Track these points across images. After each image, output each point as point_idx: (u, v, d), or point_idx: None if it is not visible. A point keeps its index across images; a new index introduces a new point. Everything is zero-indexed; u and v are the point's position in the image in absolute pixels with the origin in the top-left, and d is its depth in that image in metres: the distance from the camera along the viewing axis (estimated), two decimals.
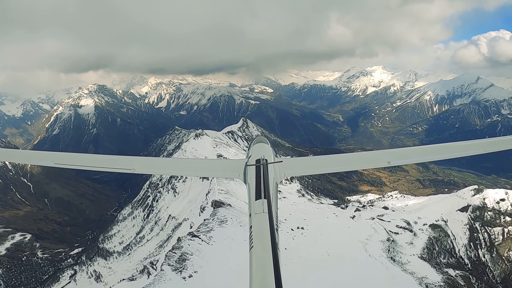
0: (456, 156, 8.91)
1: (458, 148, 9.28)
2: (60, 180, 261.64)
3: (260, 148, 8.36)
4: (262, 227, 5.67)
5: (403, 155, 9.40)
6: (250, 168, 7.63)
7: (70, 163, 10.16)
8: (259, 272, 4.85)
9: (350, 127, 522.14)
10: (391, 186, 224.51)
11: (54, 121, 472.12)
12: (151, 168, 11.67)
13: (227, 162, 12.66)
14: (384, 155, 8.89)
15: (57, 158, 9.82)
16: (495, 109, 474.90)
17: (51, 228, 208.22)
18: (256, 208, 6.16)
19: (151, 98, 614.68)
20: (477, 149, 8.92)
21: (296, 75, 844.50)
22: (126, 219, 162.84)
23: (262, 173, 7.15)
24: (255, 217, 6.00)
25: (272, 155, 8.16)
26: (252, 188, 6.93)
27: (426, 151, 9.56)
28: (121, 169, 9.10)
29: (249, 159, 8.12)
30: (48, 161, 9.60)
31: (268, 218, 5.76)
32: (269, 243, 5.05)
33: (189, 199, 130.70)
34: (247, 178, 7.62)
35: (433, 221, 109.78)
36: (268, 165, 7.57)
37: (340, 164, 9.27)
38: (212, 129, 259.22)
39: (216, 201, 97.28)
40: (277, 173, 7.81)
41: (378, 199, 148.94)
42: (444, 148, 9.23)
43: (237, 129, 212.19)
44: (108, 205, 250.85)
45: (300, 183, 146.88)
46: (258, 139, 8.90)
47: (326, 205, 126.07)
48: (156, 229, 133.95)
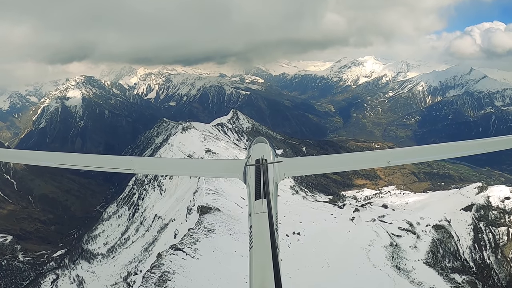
0: (456, 156, 8.99)
1: (458, 148, 9.33)
2: (44, 176, 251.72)
3: (260, 148, 8.35)
4: (262, 227, 5.70)
5: (403, 155, 9.48)
6: (250, 168, 7.65)
7: (70, 163, 10.28)
8: (259, 272, 4.94)
9: (342, 117, 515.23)
10: (386, 179, 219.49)
11: (41, 114, 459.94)
12: (151, 168, 11.66)
13: (227, 162, 11.17)
14: (384, 155, 8.95)
15: (57, 159, 9.84)
16: (489, 101, 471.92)
17: (34, 228, 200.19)
18: (256, 208, 6.19)
19: (140, 89, 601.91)
20: (477, 149, 8.92)
21: (287, 65, 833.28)
22: (111, 217, 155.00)
23: (262, 173, 7.13)
24: (255, 217, 6.02)
25: (272, 155, 8.14)
26: (252, 188, 6.93)
27: (426, 151, 9.59)
28: (121, 169, 9.12)
29: (249, 159, 8.14)
30: (48, 161, 9.61)
31: (268, 218, 5.79)
32: (269, 243, 5.12)
33: (176, 197, 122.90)
34: (247, 178, 7.63)
35: (436, 222, 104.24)
36: (268, 165, 7.57)
37: (340, 164, 9.31)
38: (202, 120, 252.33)
39: (202, 207, 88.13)
40: (277, 173, 7.84)
41: (375, 195, 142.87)
42: (444, 148, 9.33)
43: (227, 121, 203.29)
44: (95, 201, 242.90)
45: (293, 178, 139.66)
46: (258, 139, 8.91)
47: (321, 203, 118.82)
48: (142, 229, 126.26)
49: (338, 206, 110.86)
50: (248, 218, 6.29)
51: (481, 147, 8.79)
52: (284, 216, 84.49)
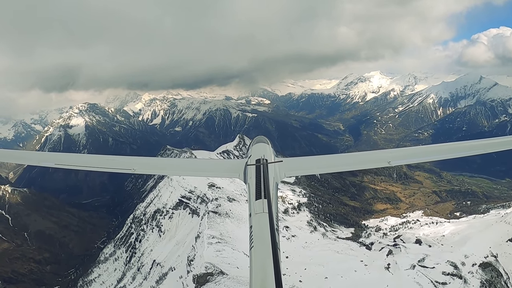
0: (456, 156, 8.81)
1: (458, 148, 9.23)
2: (41, 211, 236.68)
3: (260, 148, 8.29)
4: (262, 227, 5.70)
5: (403, 155, 9.37)
6: (250, 168, 7.58)
7: (70, 164, 10.17)
8: (259, 272, 4.96)
9: (352, 135, 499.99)
10: (408, 201, 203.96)
11: (44, 143, 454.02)
12: (151, 168, 11.57)
13: (227, 162, 11.79)
14: (385, 155, 8.90)
15: (58, 159, 9.81)
16: (502, 109, 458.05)
17: (28, 269, 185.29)
18: (256, 208, 6.17)
19: (145, 115, 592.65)
20: (478, 150, 8.85)
21: (293, 85, 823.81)
22: (108, 260, 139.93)
23: (262, 173, 7.09)
24: (255, 217, 6.02)
25: (272, 155, 8.07)
26: (252, 188, 6.89)
27: (426, 151, 9.58)
28: (121, 169, 9.05)
29: (249, 159, 8.04)
30: (49, 162, 9.56)
31: (268, 218, 5.78)
32: (269, 243, 5.14)
33: (176, 240, 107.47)
34: (247, 178, 7.56)
35: (483, 259, 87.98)
36: (268, 165, 7.53)
37: (341, 164, 9.17)
38: (208, 146, 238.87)
39: (199, 277, 70.07)
40: (277, 173, 7.77)
41: (402, 225, 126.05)
42: (445, 148, 9.20)
43: (233, 147, 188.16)
44: (95, 236, 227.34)
45: (309, 211, 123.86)
46: (258, 139, 8.82)
47: (345, 242, 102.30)
48: (139, 277, 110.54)
49: (365, 246, 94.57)
50: (248, 218, 6.18)
51: (482, 148, 8.71)
52: (305, 268, 68.53)
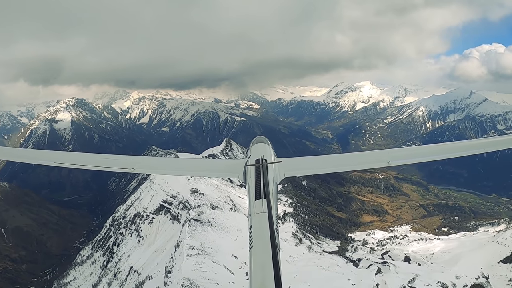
0: (456, 155, 8.77)
1: (457, 148, 9.18)
2: (20, 207, 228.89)
3: (260, 148, 8.25)
4: (262, 227, 5.70)
5: (402, 155, 9.31)
6: (250, 168, 7.57)
7: (70, 163, 10.04)
8: (259, 272, 4.97)
9: (340, 144, 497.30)
10: (395, 214, 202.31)
11: (29, 136, 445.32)
12: (151, 168, 11.50)
13: (226, 162, 11.83)
14: (384, 155, 8.88)
15: (57, 158, 9.74)
16: (491, 125, 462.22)
17: (2, 267, 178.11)
18: (256, 208, 6.17)
19: (133, 113, 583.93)
20: (477, 149, 8.85)
21: (283, 91, 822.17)
22: (84, 262, 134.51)
23: (262, 173, 7.08)
24: (255, 217, 6.02)
25: (272, 155, 8.05)
26: (252, 188, 6.89)
27: (425, 151, 9.61)
28: (121, 169, 8.98)
29: (248, 159, 8.00)
30: (48, 160, 9.49)
31: (268, 218, 5.78)
32: (269, 243, 5.13)
33: (155, 247, 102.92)
34: (247, 178, 7.57)
35: (474, 280, 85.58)
36: (268, 165, 7.50)
37: (340, 164, 9.10)
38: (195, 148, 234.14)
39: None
40: (277, 173, 7.77)
41: (390, 240, 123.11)
42: (444, 148, 9.20)
43: (219, 152, 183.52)
44: (75, 236, 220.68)
45: (295, 221, 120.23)
46: (258, 139, 8.74)
47: (331, 256, 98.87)
48: (115, 284, 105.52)
49: (352, 262, 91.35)
50: (248, 218, 6.14)
51: (481, 147, 8.71)
52: (289, 286, 64.83)
